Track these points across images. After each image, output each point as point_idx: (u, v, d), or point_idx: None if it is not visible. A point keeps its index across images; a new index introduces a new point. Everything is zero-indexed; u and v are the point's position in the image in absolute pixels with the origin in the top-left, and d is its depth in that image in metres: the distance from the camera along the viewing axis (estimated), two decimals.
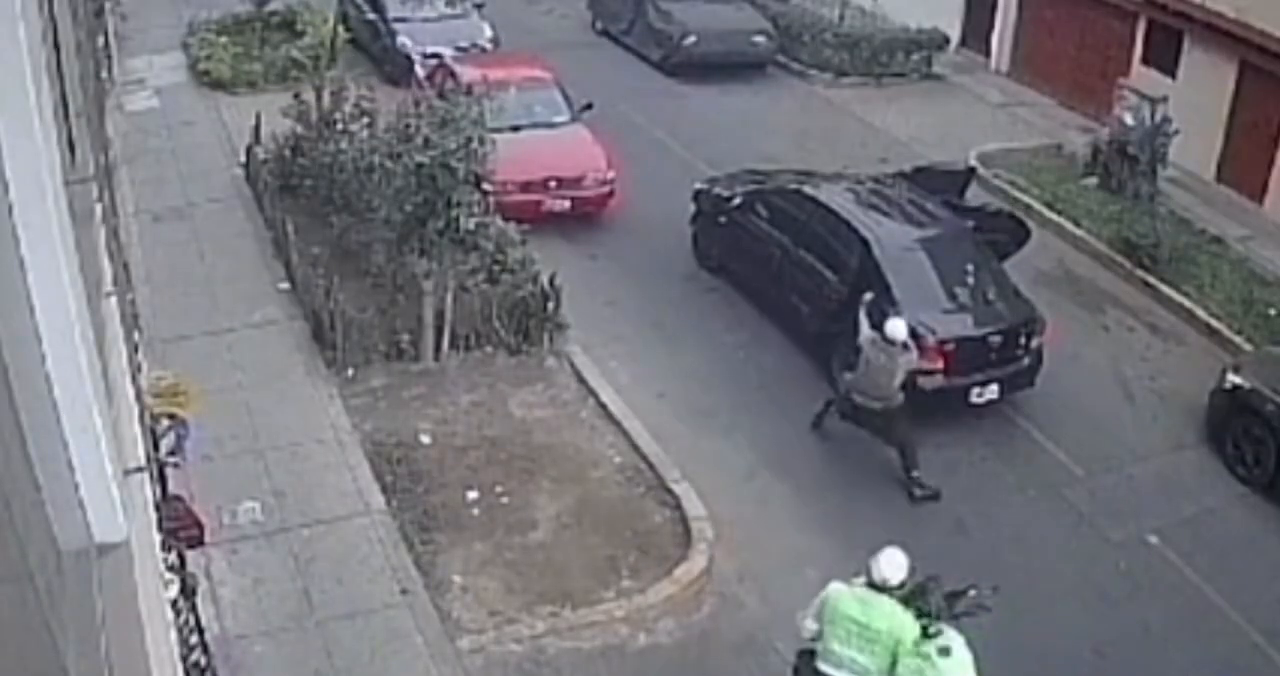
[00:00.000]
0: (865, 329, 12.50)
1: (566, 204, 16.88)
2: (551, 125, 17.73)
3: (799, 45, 23.65)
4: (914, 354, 12.37)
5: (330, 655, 9.81)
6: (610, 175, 17.07)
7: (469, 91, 13.60)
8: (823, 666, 8.65)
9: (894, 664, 8.41)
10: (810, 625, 8.79)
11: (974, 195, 16.44)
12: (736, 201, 15.66)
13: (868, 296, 12.91)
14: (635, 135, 19.28)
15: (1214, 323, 15.70)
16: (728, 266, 15.93)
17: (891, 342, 12.22)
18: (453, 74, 17.85)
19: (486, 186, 12.98)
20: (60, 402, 2.66)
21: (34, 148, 2.48)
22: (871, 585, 8.59)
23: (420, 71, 19.68)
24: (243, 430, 12.23)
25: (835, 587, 8.71)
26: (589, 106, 18.27)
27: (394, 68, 20.99)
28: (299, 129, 16.23)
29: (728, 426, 13.28)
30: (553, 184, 16.80)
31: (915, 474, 12.43)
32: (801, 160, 18.16)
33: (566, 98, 18.24)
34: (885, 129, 21.22)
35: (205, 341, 13.68)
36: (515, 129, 16.11)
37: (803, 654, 8.97)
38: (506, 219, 14.42)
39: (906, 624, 8.44)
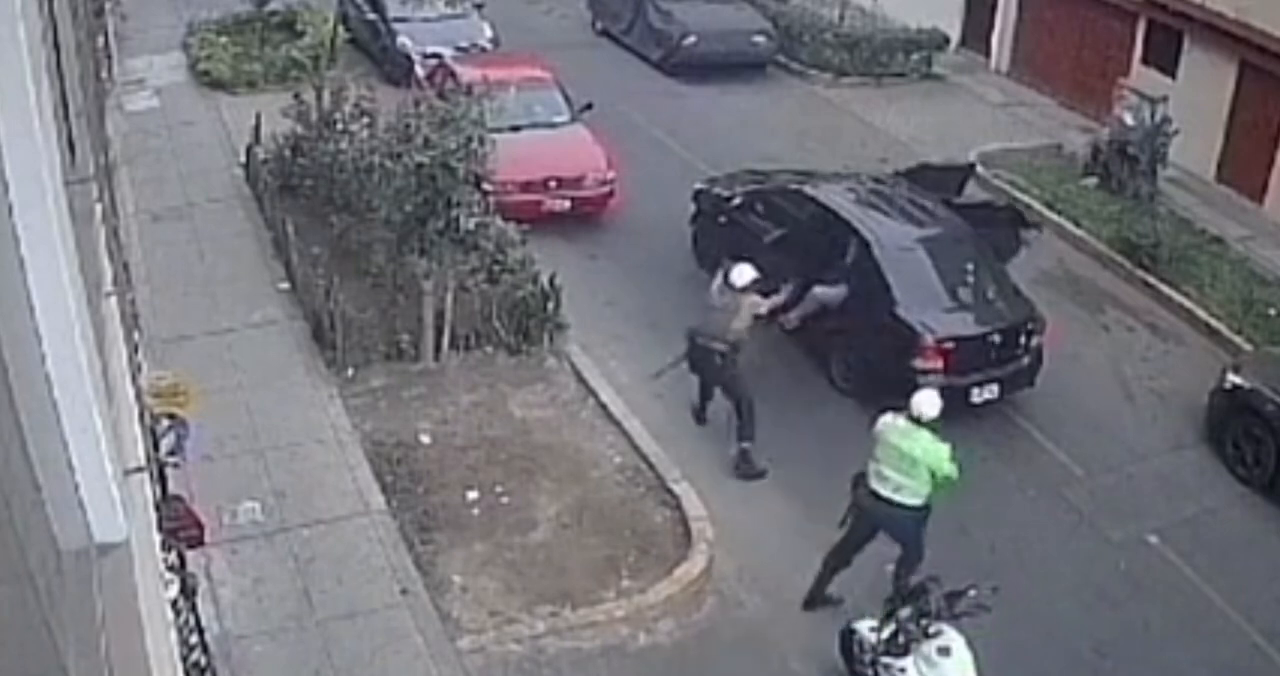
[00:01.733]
0: (717, 279, 12.96)
1: (566, 204, 16.88)
2: (551, 125, 17.72)
3: (799, 45, 23.64)
4: (759, 298, 12.67)
5: (330, 655, 9.81)
6: (610, 175, 17.06)
7: (469, 91, 13.58)
8: (874, 484, 10.22)
9: (938, 485, 10.06)
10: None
11: (974, 195, 16.44)
12: (736, 201, 15.63)
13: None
14: (635, 135, 19.27)
15: (1214, 322, 15.69)
16: None
17: (733, 287, 12.57)
18: (453, 74, 17.83)
19: (486, 186, 12.98)
20: (60, 402, 2.66)
21: (34, 148, 2.48)
22: (911, 419, 10.15)
23: (420, 71, 19.66)
24: (243, 430, 12.23)
25: (885, 420, 10.36)
26: (589, 106, 18.26)
27: (394, 68, 20.98)
28: (299, 129, 16.22)
29: (727, 426, 13.27)
30: (553, 184, 16.79)
31: (746, 446, 12.47)
32: (801, 160, 18.16)
33: (566, 98, 18.23)
34: (885, 129, 21.22)
35: (205, 341, 13.67)
36: (515, 129, 16.06)
37: (859, 475, 10.42)
38: (506, 219, 14.40)
39: (939, 452, 10.04)
